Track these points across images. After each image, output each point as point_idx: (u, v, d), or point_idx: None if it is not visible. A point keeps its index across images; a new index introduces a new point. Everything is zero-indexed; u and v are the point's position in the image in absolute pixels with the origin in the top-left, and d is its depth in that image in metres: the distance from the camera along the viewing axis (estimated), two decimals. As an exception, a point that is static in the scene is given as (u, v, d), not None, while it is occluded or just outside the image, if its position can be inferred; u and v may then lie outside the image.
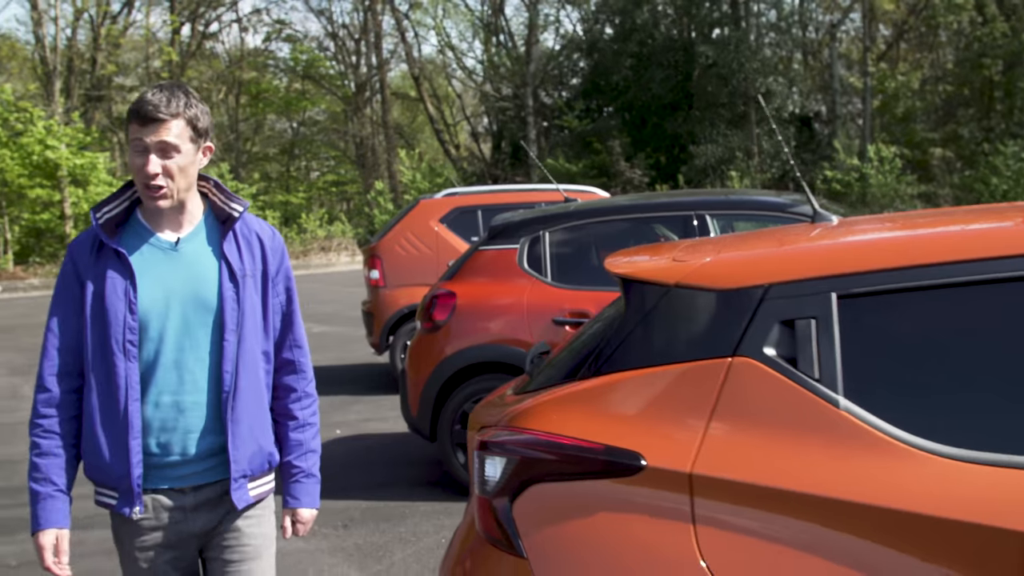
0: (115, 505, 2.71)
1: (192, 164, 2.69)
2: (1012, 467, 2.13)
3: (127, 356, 2.64)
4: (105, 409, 2.66)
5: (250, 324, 2.75)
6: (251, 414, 2.75)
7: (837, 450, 2.23)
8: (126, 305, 2.64)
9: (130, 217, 2.75)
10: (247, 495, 2.77)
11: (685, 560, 2.25)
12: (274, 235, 2.87)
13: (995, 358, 2.26)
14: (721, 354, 2.38)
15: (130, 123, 2.67)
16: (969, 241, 2.41)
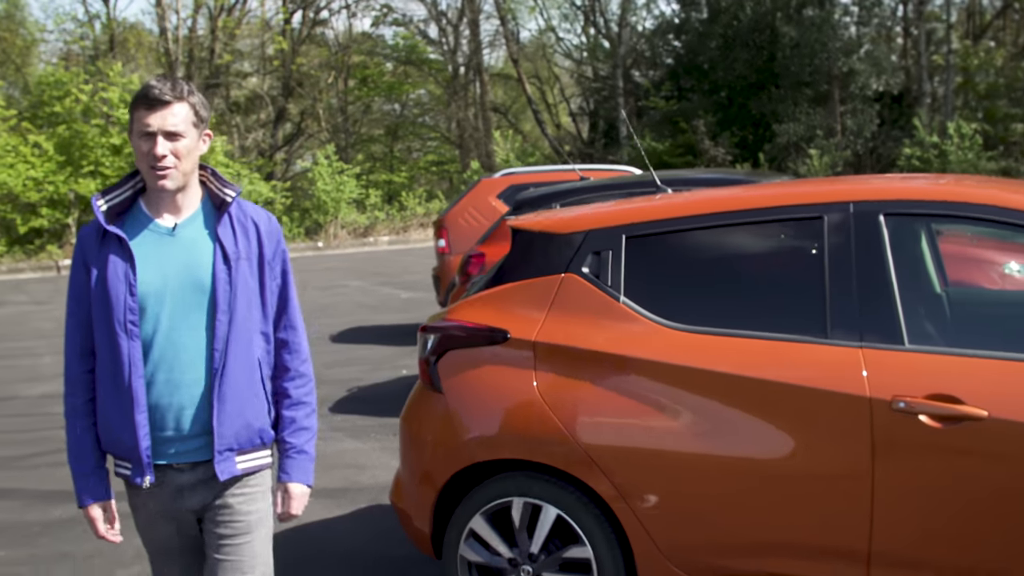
0: (130, 475, 2.91)
1: (195, 149, 2.88)
2: (710, 335, 3.71)
3: (129, 335, 2.82)
4: (113, 386, 2.85)
5: (243, 305, 2.90)
6: (240, 392, 2.90)
7: (616, 326, 3.85)
8: (126, 287, 2.83)
9: (133, 205, 2.95)
10: (233, 467, 2.93)
11: (528, 387, 3.89)
12: (270, 220, 3.04)
13: (707, 275, 3.86)
14: (558, 271, 4.01)
15: (135, 110, 2.85)
16: (697, 204, 3.98)
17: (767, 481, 3.60)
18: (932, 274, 4.22)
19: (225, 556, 2.96)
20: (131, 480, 2.90)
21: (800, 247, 3.76)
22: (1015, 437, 3.28)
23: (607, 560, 3.84)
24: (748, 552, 3.67)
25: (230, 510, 2.96)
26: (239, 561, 2.96)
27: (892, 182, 4.07)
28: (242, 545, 2.97)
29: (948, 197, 3.67)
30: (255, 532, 3.00)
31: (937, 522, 3.40)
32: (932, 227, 4.40)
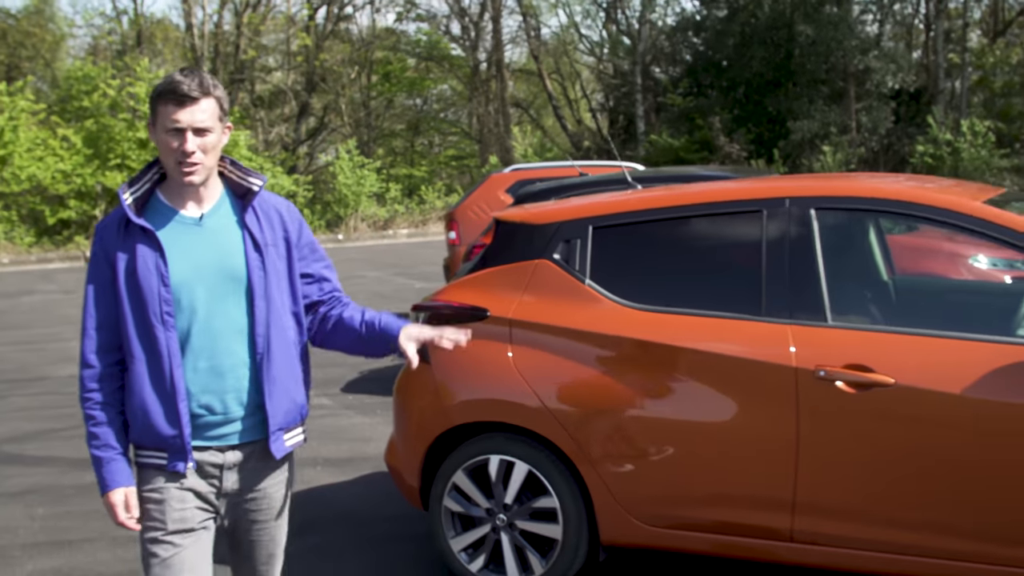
0: (165, 463, 2.90)
1: (219, 143, 2.91)
2: (663, 313, 4.24)
3: (166, 326, 2.84)
4: (152, 376, 2.86)
5: (275, 289, 2.97)
6: (284, 372, 2.97)
7: (582, 305, 4.38)
8: (158, 279, 2.84)
9: (151, 198, 2.95)
10: (284, 446, 3.01)
11: (504, 358, 4.43)
12: (289, 207, 3.10)
13: (661, 260, 4.38)
14: (532, 258, 4.54)
15: (161, 105, 2.83)
16: (654, 199, 4.50)
17: (709, 441, 4.13)
18: (868, 261, 4.73)
19: (257, 538, 3.08)
20: (169, 468, 2.90)
21: (741, 237, 4.28)
22: (917, 401, 3.79)
23: (571, 509, 4.37)
24: (692, 503, 4.20)
25: (265, 495, 3.04)
26: (270, 543, 3.10)
27: (825, 180, 4.58)
28: (273, 529, 3.09)
29: (869, 194, 4.19)
30: (283, 516, 3.13)
31: (852, 476, 3.91)
32: (880, 222, 4.91)
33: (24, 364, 11.32)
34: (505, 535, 4.52)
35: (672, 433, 4.18)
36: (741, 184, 4.66)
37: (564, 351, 4.37)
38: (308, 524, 5.63)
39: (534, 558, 4.47)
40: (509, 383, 4.42)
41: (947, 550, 3.83)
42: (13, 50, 36.37)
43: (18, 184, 26.17)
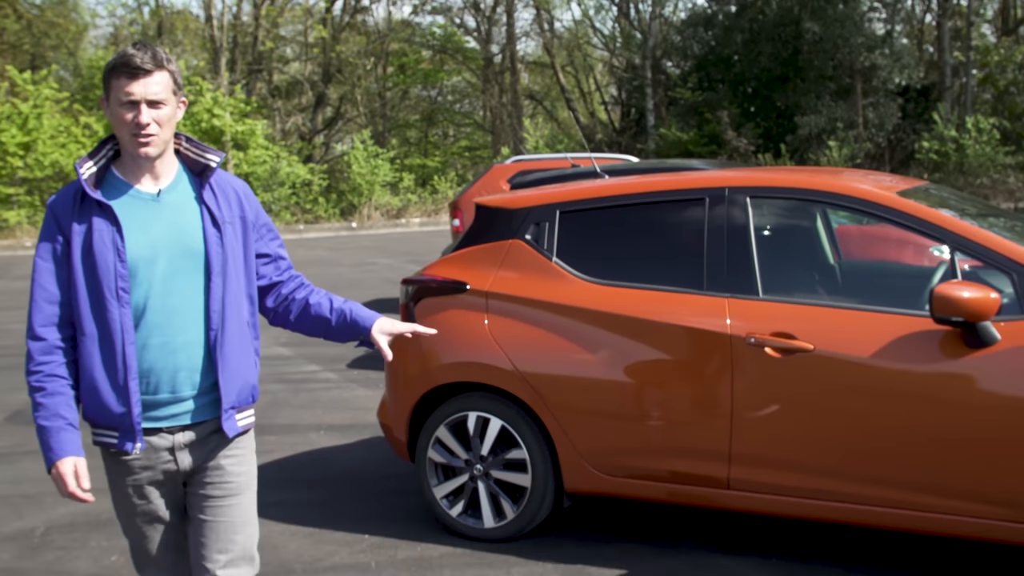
0: (116, 443, 2.88)
1: (174, 116, 2.89)
2: (619, 287, 4.84)
3: (120, 302, 2.81)
4: (104, 353, 2.83)
5: (232, 267, 2.95)
6: (237, 351, 2.96)
7: (549, 280, 4.98)
8: (115, 254, 2.81)
9: (106, 174, 2.93)
10: (236, 425, 2.99)
11: (481, 326, 5.03)
12: (245, 187, 3.11)
13: (619, 241, 4.98)
14: (507, 238, 5.15)
15: (115, 78, 2.82)
16: (614, 188, 5.10)
17: (657, 399, 4.73)
18: (799, 243, 5.30)
19: (215, 517, 3.01)
20: (119, 447, 2.88)
21: (687, 221, 4.87)
22: (832, 364, 4.38)
23: (538, 460, 4.98)
24: (644, 454, 4.79)
25: (221, 471, 3.01)
26: (229, 523, 3.02)
27: (760, 172, 5.16)
28: (232, 507, 3.02)
29: (797, 184, 4.78)
30: (244, 493, 3.06)
31: (778, 430, 4.50)
32: (826, 212, 5.49)
33: (50, 340, 11.96)
34: (481, 483, 5.13)
35: (626, 392, 4.78)
36: (688, 175, 5.24)
37: (534, 320, 4.98)
38: (312, 482, 6.23)
39: (507, 504, 5.08)
40: (485, 348, 5.03)
41: (860, 495, 4.42)
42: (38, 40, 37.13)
43: (41, 170, 26.87)
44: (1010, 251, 4.29)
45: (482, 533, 5.13)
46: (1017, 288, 4.23)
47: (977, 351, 4.17)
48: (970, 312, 4.09)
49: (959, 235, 4.39)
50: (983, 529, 4.26)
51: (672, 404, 4.71)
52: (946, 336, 4.23)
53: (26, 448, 7.21)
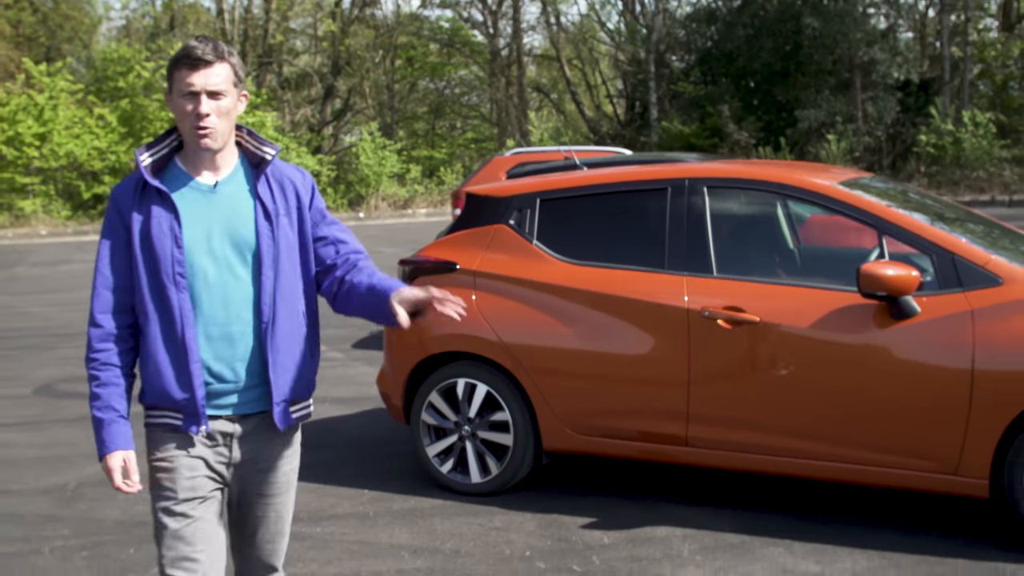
0: (180, 425, 2.92)
1: (234, 109, 2.93)
2: (592, 266, 5.43)
3: (178, 288, 2.86)
4: (165, 337, 2.89)
5: (285, 259, 2.98)
6: (289, 343, 2.98)
7: (530, 260, 5.58)
8: (172, 240, 2.87)
9: (169, 164, 2.97)
10: (289, 417, 3.02)
11: (469, 301, 5.62)
12: (304, 175, 3.10)
13: (592, 226, 5.57)
14: (493, 223, 5.74)
15: (176, 71, 2.87)
16: (589, 178, 5.69)
17: (624, 365, 5.32)
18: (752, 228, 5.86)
19: (265, 513, 3.09)
20: (183, 429, 2.92)
21: (651, 208, 5.46)
22: (776, 334, 4.97)
23: (519, 421, 5.57)
24: (613, 415, 5.39)
25: (274, 468, 3.06)
26: (277, 520, 3.12)
27: (717, 165, 5.73)
28: (280, 503, 3.10)
29: (748, 176, 5.36)
30: (291, 490, 3.14)
31: (729, 392, 5.09)
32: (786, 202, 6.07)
33: (68, 322, 12.59)
34: (469, 443, 5.73)
35: (597, 360, 5.37)
36: (653, 167, 5.82)
37: (516, 296, 5.57)
38: (318, 446, 6.83)
39: (491, 462, 5.68)
40: (473, 321, 5.62)
41: (801, 451, 5.01)
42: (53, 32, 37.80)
43: (56, 160, 27.53)
44: (929, 234, 4.88)
45: (469, 487, 5.73)
46: (935, 267, 4.82)
47: (900, 322, 4.76)
48: (892, 288, 4.68)
49: (885, 220, 4.98)
50: (908, 479, 4.85)
51: (637, 370, 5.30)
52: (874, 309, 4.82)
53: (55, 416, 7.83)
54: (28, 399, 8.51)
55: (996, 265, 4.78)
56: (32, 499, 5.92)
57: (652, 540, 5.00)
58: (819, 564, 4.65)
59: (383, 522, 5.39)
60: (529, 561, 4.80)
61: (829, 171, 5.87)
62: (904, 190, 5.90)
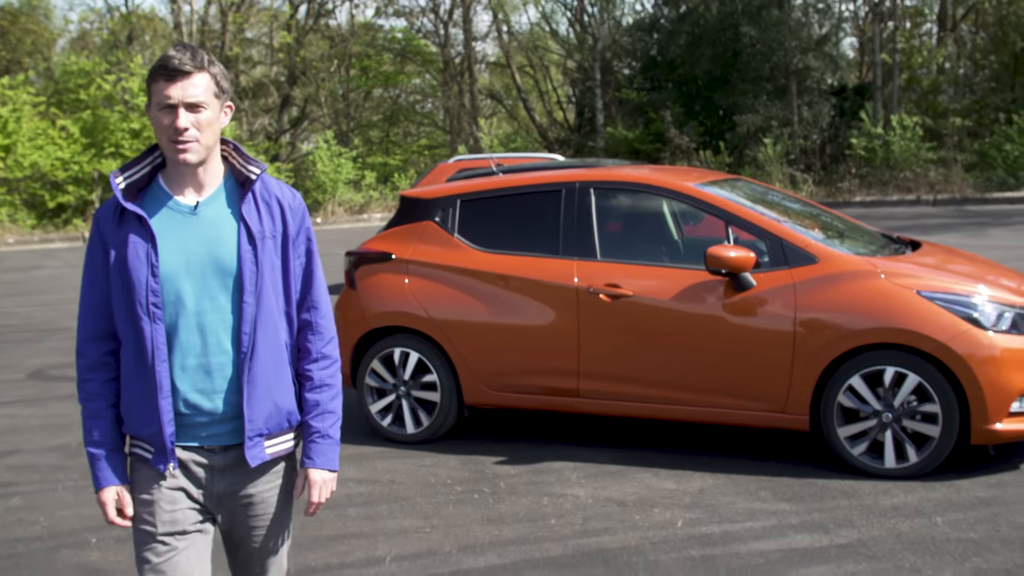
0: (151, 459, 2.82)
1: (216, 121, 2.75)
2: (502, 254, 6.71)
3: (152, 319, 2.72)
4: (137, 370, 2.78)
5: (269, 286, 2.81)
6: (268, 375, 2.83)
7: (452, 250, 6.85)
8: (148, 269, 2.72)
9: (151, 182, 2.81)
10: (263, 453, 2.87)
11: (403, 285, 6.88)
12: (294, 196, 2.90)
13: (502, 221, 6.84)
14: (422, 220, 7.01)
15: (154, 82, 2.70)
16: (500, 182, 6.96)
17: (527, 333, 6.58)
18: (633, 221, 7.13)
19: (255, 545, 2.98)
20: (154, 464, 2.83)
21: (550, 206, 6.73)
22: (644, 305, 6.25)
23: (445, 382, 6.82)
24: (521, 374, 6.65)
25: (261, 501, 2.94)
26: (269, 551, 3.00)
27: (602, 171, 6.99)
28: (272, 534, 2.98)
29: (624, 179, 6.66)
30: (283, 520, 3.01)
31: (612, 351, 6.37)
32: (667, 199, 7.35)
33: (49, 319, 13.67)
34: (404, 401, 6.97)
35: (506, 329, 6.64)
36: (552, 173, 7.07)
37: (441, 279, 6.82)
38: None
39: (423, 415, 6.93)
40: (406, 301, 6.86)
41: (668, 398, 6.30)
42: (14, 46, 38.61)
43: (20, 171, 28.43)
44: (763, 223, 6.20)
45: (405, 437, 6.97)
46: (768, 249, 6.13)
47: (739, 293, 6.07)
48: (733, 266, 5.98)
49: (729, 213, 6.29)
50: (749, 418, 6.16)
51: (538, 337, 6.57)
52: (721, 284, 6.12)
53: (50, 395, 8.99)
54: (23, 382, 9.64)
55: (814, 247, 6.10)
56: (43, 454, 7.10)
57: (549, 471, 6.27)
58: (676, 483, 5.94)
59: (334, 465, 6.61)
60: (449, 487, 6.06)
61: (700, 174, 7.18)
62: (760, 189, 7.22)
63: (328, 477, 2.98)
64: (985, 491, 5.60)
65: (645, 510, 5.54)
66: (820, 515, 5.36)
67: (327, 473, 2.97)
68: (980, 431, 5.68)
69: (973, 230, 19.12)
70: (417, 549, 5.14)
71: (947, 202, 27.20)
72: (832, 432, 5.93)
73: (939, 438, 5.72)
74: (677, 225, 7.49)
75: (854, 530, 5.13)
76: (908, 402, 5.75)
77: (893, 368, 5.76)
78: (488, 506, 5.72)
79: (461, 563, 4.95)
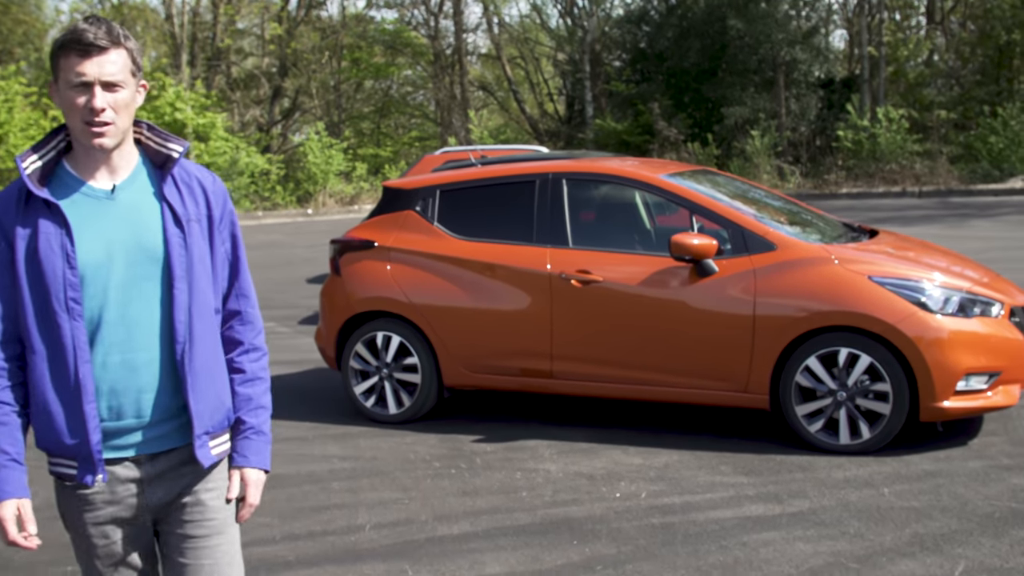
0: (74, 474, 2.56)
1: (133, 102, 2.54)
2: (480, 242, 7.03)
3: (71, 315, 2.48)
4: (54, 374, 2.51)
5: (200, 271, 2.61)
6: (209, 365, 2.63)
7: (432, 238, 7.17)
8: (64, 260, 2.48)
9: (56, 168, 2.58)
10: (210, 453, 2.67)
11: (385, 271, 7.19)
12: (215, 179, 2.72)
13: (480, 210, 7.16)
14: (403, 210, 7.33)
15: (64, 57, 2.47)
16: (478, 173, 7.28)
17: (503, 317, 6.90)
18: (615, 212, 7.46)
19: (198, 560, 2.68)
20: (78, 479, 2.56)
21: (524, 196, 7.05)
22: (613, 290, 6.58)
23: (426, 364, 7.14)
24: (498, 356, 6.97)
25: (201, 507, 2.69)
26: (214, 565, 2.70)
27: (575, 162, 7.31)
28: (217, 547, 2.70)
29: (596, 170, 6.98)
30: (229, 531, 2.74)
31: (584, 335, 6.69)
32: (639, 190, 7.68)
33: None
34: (387, 382, 7.29)
35: (483, 314, 6.96)
36: (527, 164, 7.39)
37: (421, 266, 7.14)
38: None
39: (405, 396, 7.25)
40: (388, 286, 7.18)
41: (637, 379, 6.62)
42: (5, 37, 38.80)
43: (12, 161, 28.68)
44: (725, 212, 6.53)
45: (388, 417, 7.29)
46: (729, 237, 6.45)
47: (703, 279, 6.39)
48: (696, 253, 6.31)
49: (693, 202, 6.62)
50: (712, 397, 6.49)
51: (514, 321, 6.89)
52: (685, 270, 6.45)
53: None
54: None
55: (773, 235, 6.43)
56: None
57: (523, 448, 6.60)
58: (643, 458, 6.28)
59: (319, 442, 6.94)
60: (428, 462, 6.39)
61: (670, 166, 7.51)
62: (724, 181, 7.54)
63: (262, 478, 2.78)
64: (932, 464, 5.94)
65: (612, 483, 5.87)
66: (776, 487, 5.69)
67: (262, 473, 2.78)
68: (928, 408, 6.01)
69: (955, 221, 19.48)
70: (396, 518, 5.47)
71: (932, 194, 27.53)
72: (790, 410, 6.27)
73: (890, 415, 6.06)
74: (649, 215, 7.81)
75: (806, 500, 5.47)
76: (861, 381, 6.09)
77: (846, 349, 6.09)
78: (464, 480, 6.05)
79: (436, 530, 5.28)
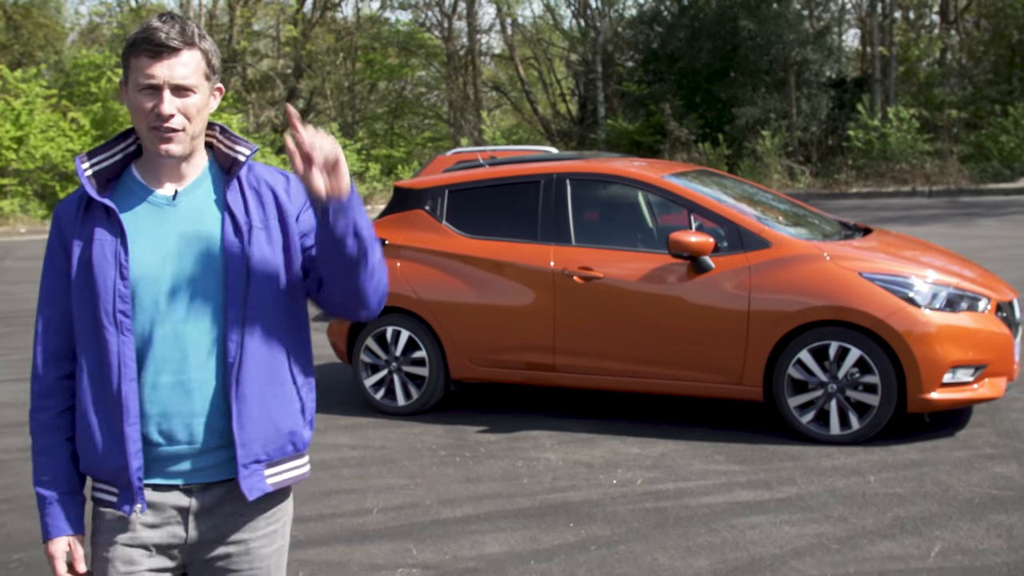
0: (115, 502, 2.37)
1: (206, 107, 2.36)
2: (487, 240, 7.29)
3: (120, 329, 2.31)
4: (97, 392, 2.35)
5: (262, 283, 2.38)
6: (262, 390, 2.38)
7: (440, 236, 7.44)
8: (116, 270, 2.31)
9: (124, 172, 2.43)
10: (263, 483, 2.40)
11: (395, 268, 7.45)
12: (289, 180, 2.47)
13: (487, 209, 7.43)
14: (413, 209, 7.60)
15: (134, 57, 2.29)
16: (485, 173, 7.55)
17: (508, 313, 7.17)
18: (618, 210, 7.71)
19: None
20: (118, 508, 2.38)
21: (529, 196, 7.31)
22: (614, 286, 6.83)
23: (433, 358, 7.41)
24: (503, 350, 7.23)
25: (249, 558, 2.47)
26: None
27: (579, 163, 7.56)
28: None
29: (598, 170, 7.24)
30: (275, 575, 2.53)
31: (585, 329, 6.95)
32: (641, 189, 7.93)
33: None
34: (396, 375, 7.56)
35: (489, 309, 7.22)
36: (532, 165, 7.65)
37: (430, 263, 7.41)
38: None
39: (413, 389, 7.52)
40: (397, 283, 7.45)
41: (635, 372, 6.88)
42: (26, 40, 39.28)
43: (33, 162, 29.09)
44: (721, 211, 6.77)
45: (396, 409, 7.56)
46: (726, 235, 6.70)
47: (699, 275, 6.64)
48: (693, 250, 6.56)
49: (691, 201, 6.87)
50: (708, 390, 6.74)
51: (518, 316, 7.15)
52: (683, 267, 6.70)
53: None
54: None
55: (767, 232, 6.68)
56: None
57: (525, 438, 6.87)
58: (640, 448, 6.53)
59: (330, 433, 7.21)
60: (434, 451, 6.66)
61: (673, 166, 7.76)
62: (723, 180, 7.79)
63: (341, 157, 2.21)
64: (918, 454, 6.18)
65: (609, 471, 6.13)
66: (766, 475, 5.94)
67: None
68: (915, 400, 6.25)
69: (962, 220, 19.66)
70: (402, 502, 5.74)
71: (942, 193, 27.67)
72: (783, 402, 6.51)
73: (879, 407, 6.30)
74: (652, 214, 8.06)
75: (794, 487, 5.71)
76: (851, 374, 6.33)
77: (837, 343, 6.34)
78: (468, 467, 6.31)
79: (440, 514, 5.55)
